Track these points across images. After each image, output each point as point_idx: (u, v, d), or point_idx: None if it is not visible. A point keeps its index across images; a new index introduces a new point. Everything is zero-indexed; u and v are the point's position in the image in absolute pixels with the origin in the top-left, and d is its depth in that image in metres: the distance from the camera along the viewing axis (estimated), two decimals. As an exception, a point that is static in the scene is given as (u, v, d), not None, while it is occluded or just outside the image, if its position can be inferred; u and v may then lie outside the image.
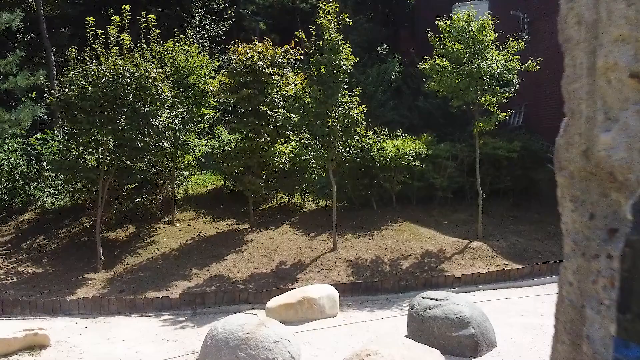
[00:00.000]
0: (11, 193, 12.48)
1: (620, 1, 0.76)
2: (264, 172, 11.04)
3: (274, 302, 7.27)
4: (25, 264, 10.09)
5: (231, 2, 21.45)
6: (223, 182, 13.40)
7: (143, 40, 10.38)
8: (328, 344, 6.25)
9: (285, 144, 11.33)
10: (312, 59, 9.51)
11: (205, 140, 12.43)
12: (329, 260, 9.24)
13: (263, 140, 10.53)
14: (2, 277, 9.51)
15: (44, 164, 12.24)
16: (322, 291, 7.53)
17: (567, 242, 0.89)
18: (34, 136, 12.94)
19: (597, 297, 0.80)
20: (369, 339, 5.75)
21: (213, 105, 11.98)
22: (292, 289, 7.94)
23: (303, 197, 12.43)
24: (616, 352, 0.76)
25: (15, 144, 12.88)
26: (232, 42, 11.20)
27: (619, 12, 0.76)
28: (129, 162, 10.32)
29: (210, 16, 19.14)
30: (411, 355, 4.43)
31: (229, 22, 19.86)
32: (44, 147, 12.62)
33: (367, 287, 8.34)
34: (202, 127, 11.98)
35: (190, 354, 6.07)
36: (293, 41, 10.74)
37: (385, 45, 21.75)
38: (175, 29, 12.26)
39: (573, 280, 0.87)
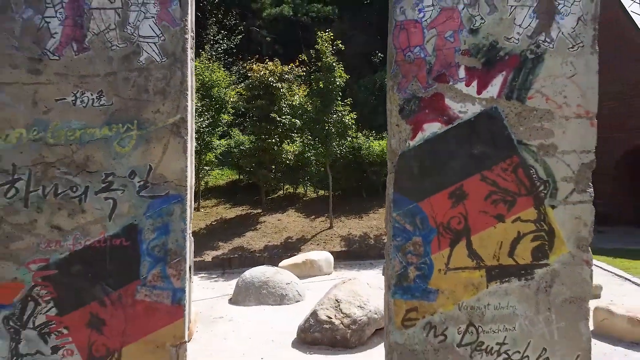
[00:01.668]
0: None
1: (394, 107, 2.83)
2: (273, 166, 13.14)
3: (284, 263, 9.36)
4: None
5: (241, 18, 23.50)
6: (237, 176, 15.49)
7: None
8: (324, 289, 8.32)
9: (290, 144, 13.42)
10: (312, 76, 11.62)
11: (225, 140, 14.52)
12: (326, 235, 11.35)
13: (273, 140, 12.62)
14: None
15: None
16: (321, 255, 9.62)
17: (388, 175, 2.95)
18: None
19: (392, 184, 2.87)
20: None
21: (230, 111, 14.08)
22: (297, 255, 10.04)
23: (305, 187, 14.53)
24: (393, 195, 2.83)
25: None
26: (241, 55, 13.26)
27: (394, 109, 2.84)
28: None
29: (222, 31, 21.22)
30: (380, 282, 6.52)
31: (240, 36, 21.92)
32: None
33: (355, 254, 10.45)
34: (221, 129, 14.07)
35: (226, 295, 8.15)
36: (297, 60, 12.83)
37: (380, 54, 23.74)
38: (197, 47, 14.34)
39: (388, 183, 2.92)
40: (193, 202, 2.97)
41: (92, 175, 2.78)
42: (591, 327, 6.13)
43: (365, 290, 6.09)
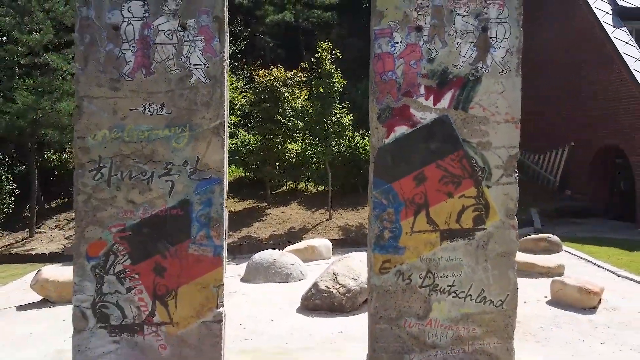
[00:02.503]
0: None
1: (374, 115, 3.85)
2: (277, 164, 14.16)
3: (288, 248, 10.38)
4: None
5: (245, 24, 24.51)
6: (244, 173, 16.51)
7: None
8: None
9: (293, 143, 14.45)
10: (313, 82, 12.66)
11: (232, 140, 15.55)
12: (325, 226, 12.38)
13: (277, 140, 13.66)
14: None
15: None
16: (321, 242, 10.65)
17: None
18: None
19: (372, 171, 3.88)
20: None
21: (237, 113, 15.11)
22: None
23: (306, 183, 15.56)
24: (373, 179, 3.85)
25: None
26: (245, 60, 14.22)
27: (374, 116, 3.86)
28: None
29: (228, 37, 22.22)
30: (370, 261, 7.54)
31: (244, 42, 22.93)
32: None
33: (352, 241, 11.49)
34: (229, 130, 15.11)
35: (238, 275, 9.18)
36: (299, 67, 13.87)
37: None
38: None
39: (370, 170, 3.93)
40: (227, 183, 4.00)
41: (157, 164, 3.81)
42: (549, 297, 7.21)
43: (359, 265, 7.11)
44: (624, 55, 12.57)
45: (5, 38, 12.86)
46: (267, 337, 5.89)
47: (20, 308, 7.54)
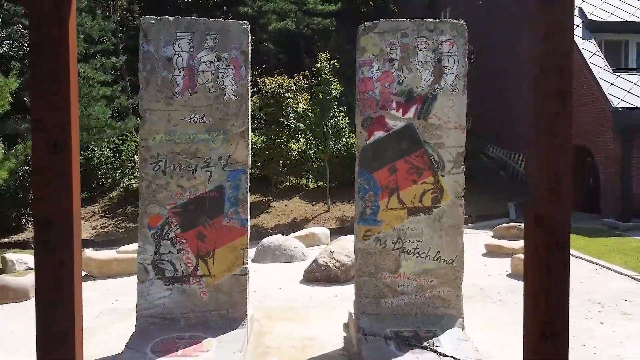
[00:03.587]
0: (104, 177, 16.90)
1: (359, 122, 5.15)
2: (281, 162, 15.46)
3: (291, 235, 11.69)
4: (124, 222, 14.54)
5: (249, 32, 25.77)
6: (250, 170, 17.80)
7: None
8: (323, 253, 10.64)
9: (295, 143, 15.74)
10: (314, 88, 13.96)
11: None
12: (324, 217, 13.68)
13: (281, 140, 14.94)
14: (113, 228, 13.96)
15: (136, 156, 16.61)
16: (320, 230, 11.96)
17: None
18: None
19: (358, 164, 5.18)
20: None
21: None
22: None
23: (307, 179, 16.86)
24: (358, 170, 5.15)
25: (105, 144, 17.27)
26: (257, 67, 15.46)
27: (359, 123, 5.16)
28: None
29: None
30: (361, 242, 8.85)
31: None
32: (125, 145, 17.08)
33: (348, 230, 12.77)
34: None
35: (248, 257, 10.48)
36: (301, 74, 15.17)
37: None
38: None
39: (356, 163, 5.22)
40: (250, 173, 5.30)
41: (199, 159, 5.11)
42: (509, 271, 8.52)
43: (351, 244, 8.40)
44: (590, 65, 13.87)
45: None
46: (277, 299, 7.21)
47: (68, 282, 8.84)
